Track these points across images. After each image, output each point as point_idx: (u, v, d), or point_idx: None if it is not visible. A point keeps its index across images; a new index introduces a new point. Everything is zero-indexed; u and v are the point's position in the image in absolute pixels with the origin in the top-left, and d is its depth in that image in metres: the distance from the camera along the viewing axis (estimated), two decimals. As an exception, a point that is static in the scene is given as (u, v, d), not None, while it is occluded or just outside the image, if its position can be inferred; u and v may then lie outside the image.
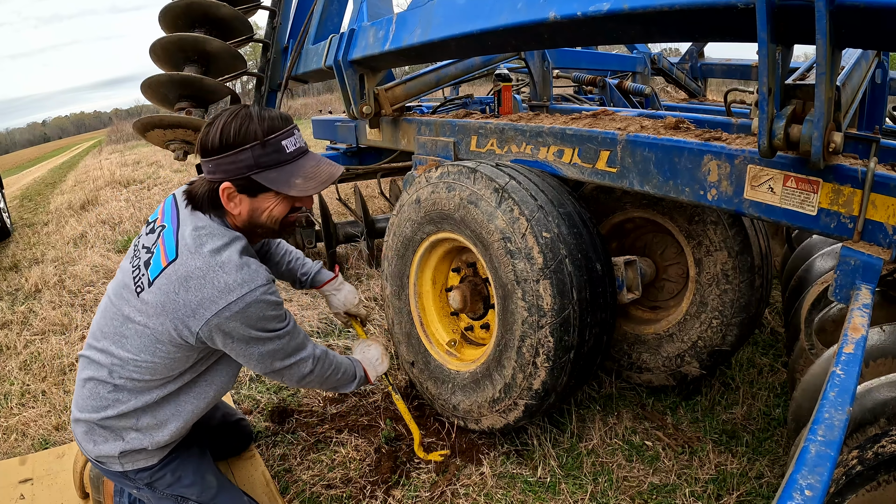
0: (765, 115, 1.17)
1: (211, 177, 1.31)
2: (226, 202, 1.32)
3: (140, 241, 1.42)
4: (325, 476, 1.93)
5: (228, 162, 1.28)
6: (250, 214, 1.37)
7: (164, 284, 1.27)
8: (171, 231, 1.34)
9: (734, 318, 2.03)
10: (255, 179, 1.30)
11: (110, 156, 15.18)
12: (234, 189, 1.31)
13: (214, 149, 1.28)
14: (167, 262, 1.28)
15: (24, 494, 1.91)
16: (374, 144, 3.37)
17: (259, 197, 1.34)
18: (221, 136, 1.27)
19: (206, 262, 1.26)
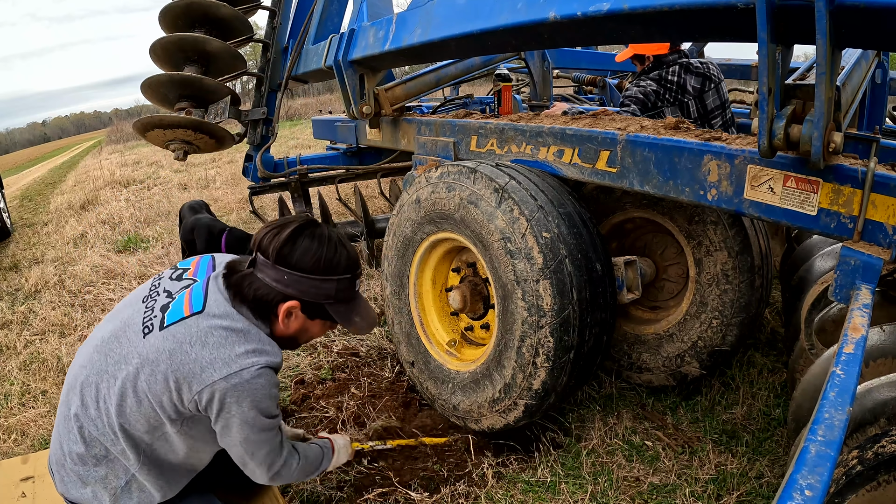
0: (765, 115, 1.17)
1: (282, 289, 1.25)
2: (282, 316, 1.29)
3: (161, 282, 1.37)
4: (325, 475, 1.93)
5: (311, 285, 1.26)
6: (295, 333, 1.36)
7: (179, 333, 1.21)
8: (201, 287, 1.30)
9: (734, 318, 2.03)
10: (326, 308, 1.32)
11: (110, 156, 15.19)
12: (299, 308, 1.29)
13: (303, 267, 1.25)
14: (190, 313, 1.24)
15: (25, 492, 1.91)
16: (374, 144, 3.37)
17: (314, 322, 1.36)
18: (315, 257, 1.25)
19: (230, 325, 1.23)
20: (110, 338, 1.29)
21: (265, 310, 1.29)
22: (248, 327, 1.26)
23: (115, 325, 1.32)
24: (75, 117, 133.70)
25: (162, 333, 1.22)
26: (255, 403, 1.22)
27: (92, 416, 1.26)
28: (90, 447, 1.27)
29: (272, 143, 3.71)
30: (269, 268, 1.25)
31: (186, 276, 1.36)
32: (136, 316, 1.30)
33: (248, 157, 3.88)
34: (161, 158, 11.67)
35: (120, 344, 1.26)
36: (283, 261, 1.25)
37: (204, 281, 1.32)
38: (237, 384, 1.18)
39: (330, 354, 2.77)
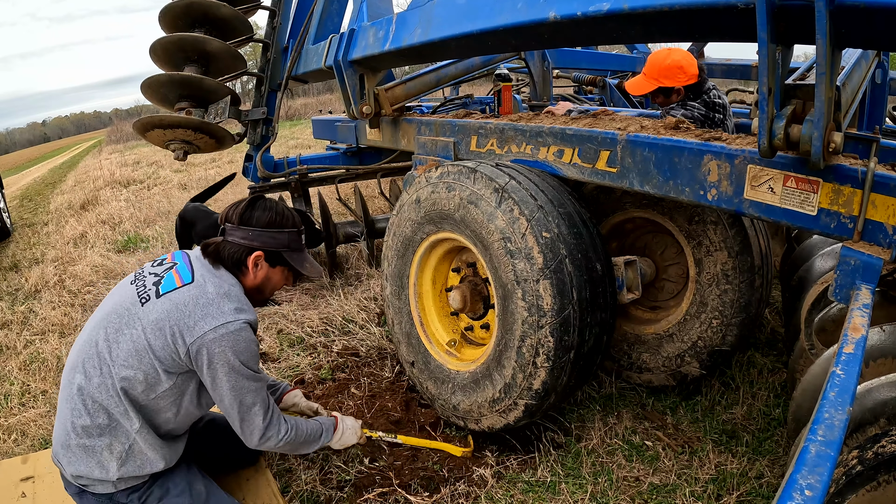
0: (765, 115, 1.17)
1: (248, 243, 1.56)
2: (251, 266, 1.58)
3: (144, 270, 1.59)
4: (325, 476, 1.93)
5: (269, 236, 1.58)
6: (262, 281, 1.63)
7: (175, 298, 1.44)
8: (186, 266, 1.54)
9: (734, 318, 2.04)
10: (283, 255, 1.63)
11: (110, 156, 15.19)
12: (263, 257, 1.59)
13: (261, 223, 1.57)
14: (182, 283, 1.48)
15: (25, 492, 1.91)
16: (374, 144, 3.37)
17: (275, 269, 1.65)
18: (270, 215, 1.58)
19: (217, 293, 1.47)
20: (108, 315, 1.48)
21: (238, 264, 1.57)
22: (231, 289, 1.51)
23: (110, 305, 1.51)
24: (75, 117, 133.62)
25: (160, 300, 1.45)
26: (238, 354, 1.43)
27: (95, 384, 1.42)
28: (94, 417, 1.42)
29: (272, 143, 3.71)
30: (236, 230, 1.56)
31: (166, 262, 1.59)
32: (130, 294, 1.50)
33: (248, 157, 3.88)
34: (161, 158, 11.67)
35: (119, 316, 1.46)
36: (247, 222, 1.57)
37: (185, 262, 1.56)
38: (224, 334, 1.41)
39: (330, 354, 2.77)
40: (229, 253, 1.56)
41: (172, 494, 1.53)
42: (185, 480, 1.56)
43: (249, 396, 1.48)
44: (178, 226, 3.64)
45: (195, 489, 1.57)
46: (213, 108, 3.10)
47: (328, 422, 1.78)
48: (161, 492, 1.52)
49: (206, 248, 1.59)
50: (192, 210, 3.63)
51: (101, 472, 1.43)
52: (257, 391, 1.50)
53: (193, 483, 1.58)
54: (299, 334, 3.00)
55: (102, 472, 1.43)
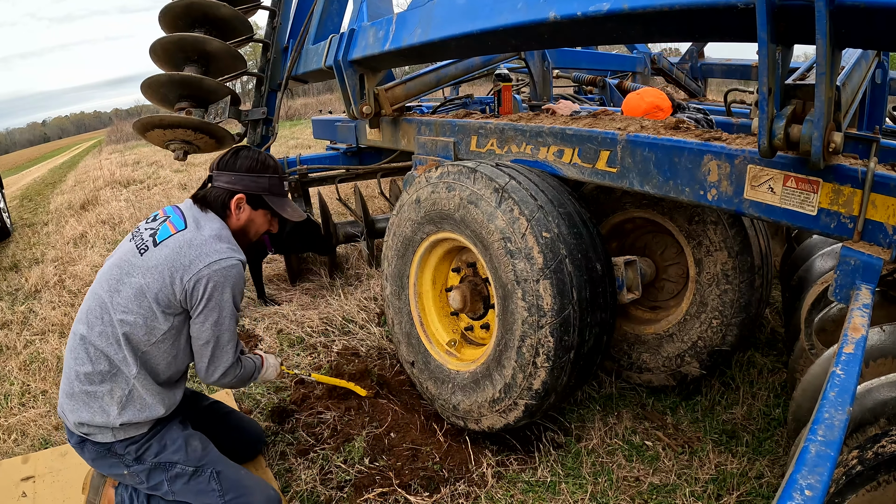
0: (765, 115, 1.17)
1: (231, 187, 1.67)
2: (234, 208, 1.69)
3: (140, 227, 1.68)
4: (325, 475, 1.93)
5: (251, 180, 1.69)
6: (245, 223, 1.73)
7: (171, 243, 1.54)
8: (179, 216, 1.64)
9: (734, 318, 2.04)
10: (264, 199, 1.73)
11: (110, 156, 15.18)
12: (244, 200, 1.69)
13: (242, 168, 1.68)
14: (176, 231, 1.58)
15: (25, 492, 1.91)
16: (374, 144, 3.37)
17: (257, 211, 1.74)
18: (251, 161, 1.70)
19: (210, 234, 1.58)
20: (109, 269, 1.59)
21: (223, 207, 1.68)
22: (222, 231, 1.62)
23: (111, 262, 1.61)
24: (75, 117, 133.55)
25: (157, 248, 1.55)
26: (230, 287, 1.54)
27: (97, 332, 1.52)
28: (95, 363, 1.51)
29: (272, 143, 3.71)
30: (221, 175, 1.68)
31: (160, 217, 1.68)
32: (129, 248, 1.61)
33: (248, 157, 3.87)
34: (161, 158, 11.66)
35: (119, 268, 1.56)
36: (230, 167, 1.69)
37: (178, 213, 1.66)
38: (217, 270, 1.52)
39: (330, 354, 2.77)
40: (214, 196, 1.67)
41: (170, 450, 1.59)
42: (181, 437, 1.62)
43: (227, 335, 1.58)
44: None
45: (191, 445, 1.63)
46: (213, 108, 3.10)
47: (258, 359, 1.87)
48: (158, 447, 1.58)
49: (196, 195, 1.70)
50: None
51: (102, 417, 1.50)
52: (233, 331, 1.60)
53: (190, 440, 1.64)
54: (299, 334, 3.00)
55: (104, 417, 1.50)
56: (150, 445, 1.58)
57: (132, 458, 1.56)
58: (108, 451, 1.55)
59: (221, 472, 1.62)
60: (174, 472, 1.59)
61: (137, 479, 1.59)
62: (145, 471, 1.58)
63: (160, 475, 1.58)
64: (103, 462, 1.59)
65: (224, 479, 1.62)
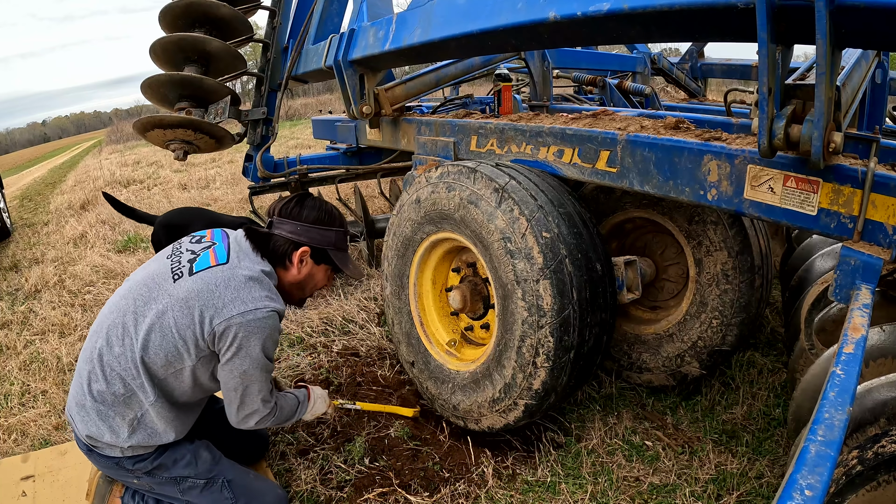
0: (765, 115, 1.17)
1: (296, 238, 1.58)
2: (296, 261, 1.60)
3: (182, 245, 1.60)
4: (325, 475, 1.93)
5: (317, 232, 1.60)
6: (304, 277, 1.64)
7: (208, 276, 1.45)
8: (223, 247, 1.55)
9: (734, 318, 2.04)
10: (329, 254, 1.64)
11: (110, 156, 15.18)
12: (309, 253, 1.61)
13: (309, 219, 1.59)
14: (216, 263, 1.49)
15: (25, 491, 1.91)
16: (374, 144, 3.37)
17: (319, 266, 1.66)
18: (319, 213, 1.61)
19: (250, 275, 1.47)
20: (138, 285, 1.50)
21: (282, 258, 1.58)
22: (263, 278, 1.51)
23: (143, 275, 1.53)
24: (75, 117, 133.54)
25: (192, 278, 1.45)
26: (261, 340, 1.43)
27: (116, 353, 1.44)
28: (111, 384, 1.44)
29: (272, 143, 3.71)
30: (284, 223, 1.58)
31: (205, 240, 1.59)
32: (164, 268, 1.52)
33: (248, 157, 3.88)
34: (161, 158, 11.66)
35: (149, 289, 1.47)
36: (296, 217, 1.59)
37: (224, 242, 1.57)
38: (251, 320, 1.41)
39: (330, 354, 2.77)
40: (275, 245, 1.57)
41: (180, 465, 1.57)
42: (190, 451, 1.59)
43: (256, 385, 1.49)
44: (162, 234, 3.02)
45: (201, 458, 1.60)
46: (213, 108, 3.10)
47: (301, 394, 1.79)
48: (168, 463, 1.56)
49: (253, 234, 1.59)
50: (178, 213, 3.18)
51: (111, 436, 1.46)
52: (264, 381, 1.51)
53: (199, 452, 1.61)
54: (299, 334, 3.00)
55: (113, 437, 1.46)
56: (160, 462, 1.55)
57: (142, 472, 1.55)
58: (116, 464, 1.53)
59: (232, 481, 1.62)
60: (186, 485, 1.58)
61: (147, 487, 1.60)
62: (156, 483, 1.57)
63: (172, 487, 1.58)
64: (111, 471, 1.58)
65: (235, 486, 1.62)
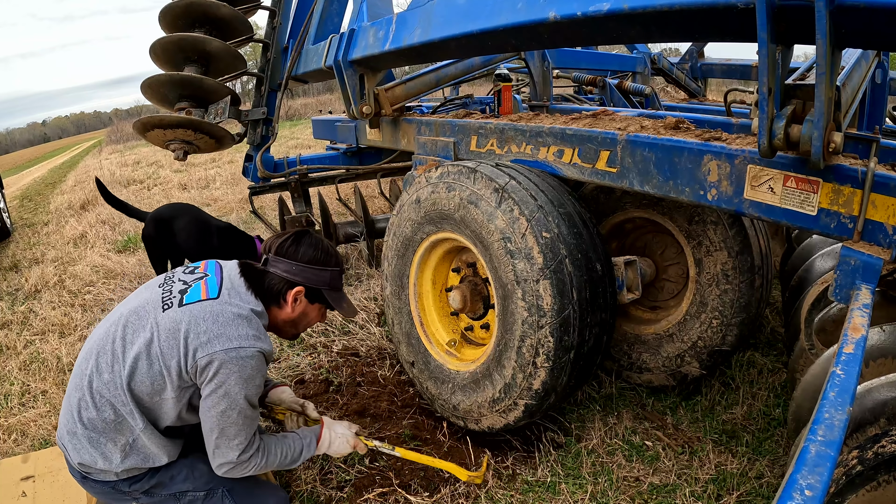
0: (765, 115, 1.17)
1: (291, 277, 1.56)
2: (290, 300, 1.57)
3: (176, 275, 1.59)
4: (325, 476, 1.93)
5: (312, 273, 1.57)
6: (298, 316, 1.62)
7: (196, 310, 1.43)
8: (216, 280, 1.53)
9: (734, 318, 2.04)
10: (324, 293, 1.62)
11: (110, 156, 15.18)
12: (303, 293, 1.58)
13: (305, 259, 1.56)
14: (206, 297, 1.47)
15: (25, 491, 1.91)
16: (374, 144, 3.37)
17: (313, 305, 1.64)
18: (315, 252, 1.58)
19: (238, 313, 1.45)
20: (129, 313, 1.48)
21: (276, 296, 1.57)
22: (252, 317, 1.48)
23: (134, 304, 1.51)
24: (75, 117, 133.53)
25: (181, 309, 1.44)
26: (243, 379, 1.40)
27: (105, 380, 1.42)
28: (101, 411, 1.42)
29: (272, 143, 3.71)
30: (279, 262, 1.56)
31: (198, 272, 1.57)
32: (155, 296, 1.50)
33: (248, 157, 3.88)
34: (161, 158, 11.66)
35: (139, 317, 1.46)
36: (291, 256, 1.56)
37: (217, 276, 1.55)
38: (234, 357, 1.38)
39: (330, 354, 2.77)
40: (270, 284, 1.56)
41: (177, 480, 1.55)
42: (186, 466, 1.57)
43: (233, 429, 1.43)
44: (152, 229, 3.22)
45: (197, 470, 1.58)
46: (213, 108, 3.10)
47: (308, 435, 1.65)
48: (165, 479, 1.54)
49: (248, 270, 1.57)
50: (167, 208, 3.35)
51: (104, 462, 1.45)
52: (244, 426, 1.44)
53: (195, 465, 1.58)
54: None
55: (106, 463, 1.45)
56: (156, 481, 1.53)
57: (140, 493, 1.53)
58: (112, 488, 1.52)
59: (233, 489, 1.60)
60: (186, 500, 1.56)
61: None
62: (156, 502, 1.55)
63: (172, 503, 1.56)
64: (109, 497, 1.56)
65: (236, 494, 1.60)
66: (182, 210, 3.35)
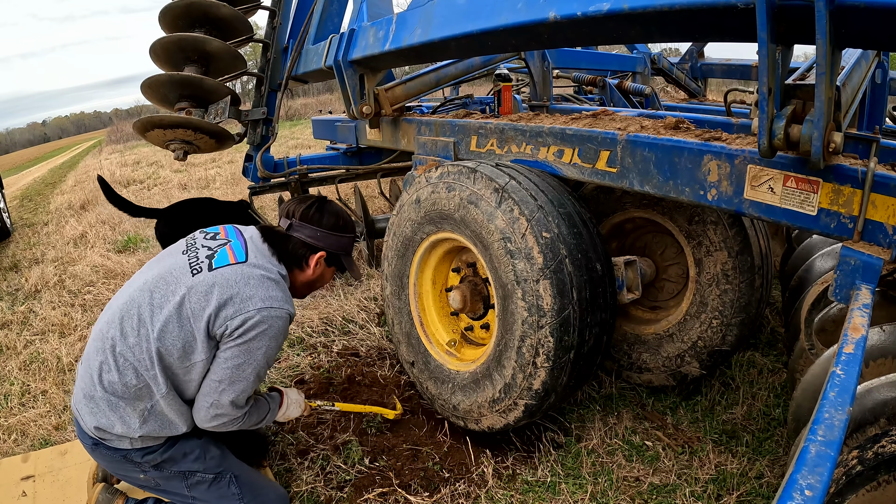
0: (765, 115, 1.17)
1: (315, 243, 1.65)
2: (312, 264, 1.67)
3: (196, 241, 1.61)
4: (325, 476, 1.93)
5: (335, 239, 1.68)
6: (317, 276, 1.71)
7: (228, 272, 1.48)
8: (241, 245, 1.58)
9: (734, 318, 2.04)
10: (341, 258, 1.73)
11: (110, 156, 15.18)
12: (325, 257, 1.68)
13: (328, 226, 1.66)
14: (235, 261, 1.52)
15: (25, 491, 1.91)
16: (374, 144, 3.37)
17: (330, 269, 1.76)
18: (337, 220, 1.68)
19: (267, 275, 1.52)
20: (156, 279, 1.50)
21: (300, 260, 1.65)
22: (280, 279, 1.56)
23: (159, 270, 1.53)
24: (75, 117, 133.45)
25: (212, 273, 1.48)
26: (268, 338, 1.47)
27: (130, 343, 1.44)
28: (123, 374, 1.44)
29: (272, 143, 3.71)
30: (304, 227, 1.64)
31: (220, 238, 1.62)
32: (182, 262, 1.53)
33: (248, 157, 3.88)
34: (161, 158, 11.66)
35: (167, 283, 1.48)
36: (316, 222, 1.65)
37: (241, 240, 1.60)
38: (266, 317, 1.45)
39: (330, 354, 2.77)
40: (294, 248, 1.64)
41: (189, 459, 1.57)
42: (199, 445, 1.60)
43: (241, 385, 1.48)
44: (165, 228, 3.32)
45: (210, 452, 1.61)
46: (213, 108, 3.10)
47: (275, 400, 1.78)
48: (177, 456, 1.56)
49: (272, 236, 1.64)
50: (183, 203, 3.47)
51: (122, 427, 1.47)
52: (250, 385, 1.51)
53: (207, 447, 1.62)
54: (299, 334, 3.00)
55: (124, 428, 1.47)
56: (169, 455, 1.54)
57: (150, 466, 1.54)
58: (123, 457, 1.52)
59: (239, 477, 1.64)
60: (194, 480, 1.58)
61: (153, 482, 1.59)
62: (163, 477, 1.57)
63: (179, 482, 1.58)
64: (117, 466, 1.57)
65: (242, 483, 1.63)
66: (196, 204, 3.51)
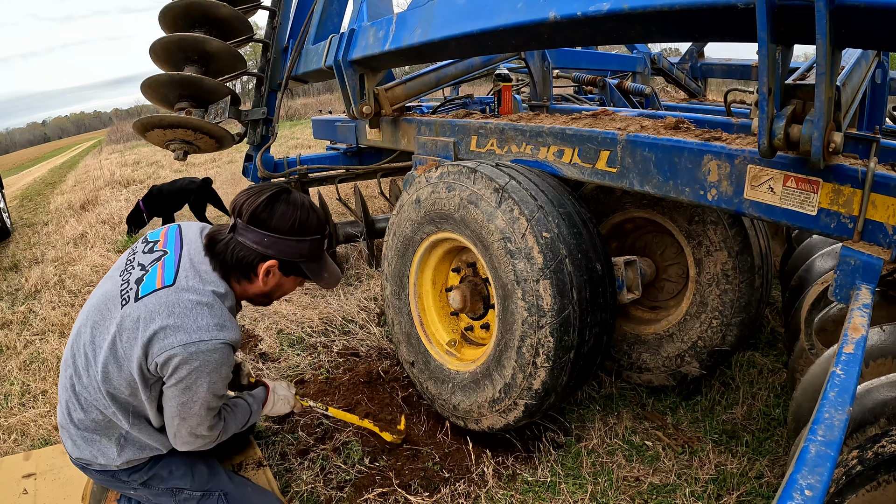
0: (765, 115, 1.17)
1: (262, 250, 1.36)
2: (261, 274, 1.39)
3: (135, 256, 1.46)
4: (325, 476, 1.93)
5: (287, 245, 1.37)
6: (271, 289, 1.46)
7: (152, 303, 1.31)
8: (173, 259, 1.39)
9: (734, 318, 2.04)
10: (300, 266, 1.43)
11: (110, 156, 15.18)
12: (277, 266, 1.40)
13: (279, 230, 1.35)
14: (161, 285, 1.33)
15: (27, 489, 1.91)
16: (374, 144, 3.37)
17: (288, 277, 1.47)
18: (291, 221, 1.36)
19: (197, 300, 1.32)
20: (93, 310, 1.40)
21: (246, 270, 1.39)
22: (213, 302, 1.33)
23: (97, 298, 1.42)
24: (75, 117, 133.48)
25: (137, 304, 1.32)
26: (206, 375, 1.31)
27: (84, 383, 1.38)
28: (88, 413, 1.40)
29: (272, 143, 3.71)
30: (250, 231, 1.35)
31: (157, 249, 1.45)
32: (115, 289, 1.39)
33: (248, 157, 3.88)
34: (161, 158, 11.66)
35: (102, 316, 1.37)
36: (263, 224, 1.35)
37: (175, 254, 1.41)
38: (194, 353, 1.27)
39: (330, 354, 2.77)
40: (238, 257, 1.36)
41: (176, 476, 1.54)
42: (186, 464, 1.56)
43: (195, 420, 1.38)
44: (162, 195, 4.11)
45: (197, 470, 1.57)
46: (213, 108, 3.10)
47: (257, 398, 1.68)
48: (164, 473, 1.53)
49: (213, 245, 1.40)
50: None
51: (103, 458, 1.46)
52: (206, 416, 1.39)
53: (195, 464, 1.58)
54: (299, 334, 3.00)
55: (105, 459, 1.46)
56: (154, 472, 1.51)
57: (138, 483, 1.53)
58: (111, 476, 1.52)
59: (229, 494, 1.59)
60: (182, 497, 1.55)
61: (144, 498, 1.58)
62: (153, 494, 1.55)
63: (168, 499, 1.56)
64: (108, 484, 1.57)
65: (232, 500, 1.59)
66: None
